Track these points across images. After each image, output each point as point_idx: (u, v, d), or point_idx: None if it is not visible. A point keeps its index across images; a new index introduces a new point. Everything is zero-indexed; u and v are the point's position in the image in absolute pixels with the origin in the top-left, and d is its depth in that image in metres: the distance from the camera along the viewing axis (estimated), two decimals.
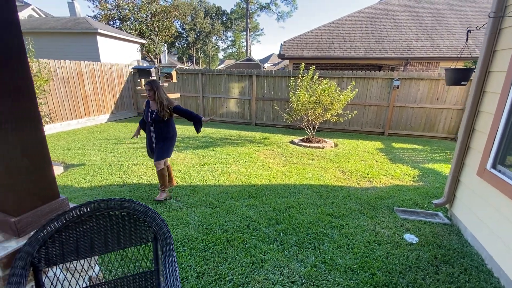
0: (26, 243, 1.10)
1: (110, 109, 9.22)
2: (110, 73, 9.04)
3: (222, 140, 6.64)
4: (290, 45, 10.33)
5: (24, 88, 1.14)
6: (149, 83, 3.15)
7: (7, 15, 1.07)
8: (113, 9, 21.21)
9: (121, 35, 14.61)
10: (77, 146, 5.80)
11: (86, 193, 3.60)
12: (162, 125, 3.23)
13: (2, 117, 1.08)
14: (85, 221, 1.24)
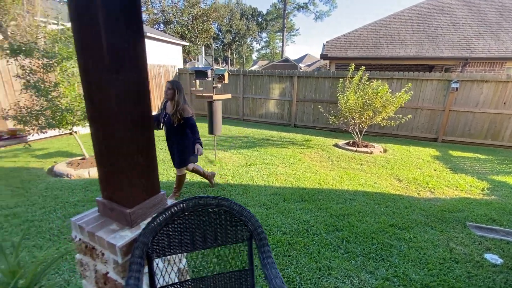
0: (141, 233, 1.18)
1: (156, 108, 9.77)
2: (158, 74, 9.59)
3: (264, 140, 6.66)
4: (333, 45, 10.03)
5: (143, 92, 1.21)
6: (171, 82, 2.93)
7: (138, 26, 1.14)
8: (158, 13, 22.51)
9: (165, 38, 15.44)
10: None
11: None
12: (176, 129, 3.00)
13: (128, 118, 1.16)
14: (187, 216, 1.29)
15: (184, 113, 2.90)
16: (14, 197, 3.42)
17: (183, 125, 2.96)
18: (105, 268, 1.26)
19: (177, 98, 2.89)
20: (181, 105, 2.88)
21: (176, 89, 2.90)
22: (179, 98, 2.89)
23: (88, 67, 1.12)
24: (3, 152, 5.41)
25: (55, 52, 3.83)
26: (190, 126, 2.96)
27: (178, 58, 16.66)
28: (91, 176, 4.22)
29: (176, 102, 2.88)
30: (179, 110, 2.87)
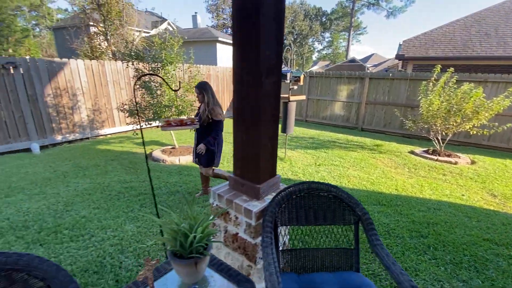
0: (270, 204, 1.47)
1: (226, 107, 10.60)
2: (229, 76, 10.39)
3: (330, 142, 6.64)
4: (412, 44, 9.27)
5: (278, 91, 1.50)
6: (196, 86, 3.01)
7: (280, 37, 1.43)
8: (227, 18, 24.09)
9: None
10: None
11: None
12: (205, 129, 3.04)
13: (268, 112, 1.46)
14: (302, 196, 1.53)
15: (213, 114, 2.94)
16: (128, 174, 4.28)
17: (212, 125, 3.01)
18: (236, 230, 1.60)
19: (206, 100, 2.95)
20: (211, 105, 2.95)
21: (203, 92, 2.96)
22: (208, 99, 2.95)
23: (242, 71, 1.45)
24: (111, 139, 6.71)
25: (162, 58, 4.63)
26: (215, 127, 3.01)
27: None
28: (181, 162, 4.94)
29: (206, 103, 2.95)
30: (209, 110, 2.93)
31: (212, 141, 3.01)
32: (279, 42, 1.41)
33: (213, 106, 2.94)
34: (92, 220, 2.91)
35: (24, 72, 5.57)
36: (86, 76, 6.51)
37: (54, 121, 6.11)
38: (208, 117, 2.93)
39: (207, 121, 2.96)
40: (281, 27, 1.40)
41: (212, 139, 3.01)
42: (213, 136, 3.01)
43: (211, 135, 3.02)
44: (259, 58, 1.33)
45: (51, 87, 5.99)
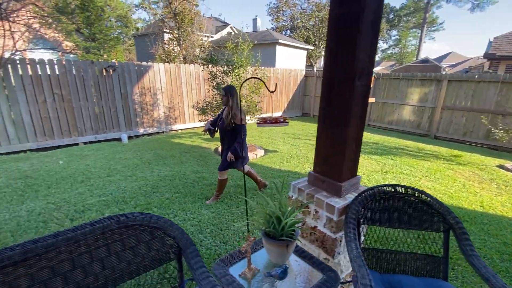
0: (353, 202, 1.52)
1: (282, 108, 10.75)
2: (288, 77, 10.50)
3: (397, 149, 6.17)
4: (506, 41, 7.94)
5: (367, 94, 1.54)
6: (223, 89, 3.07)
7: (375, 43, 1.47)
8: (287, 20, 24.22)
9: (294, 43, 16.53)
10: (266, 136, 7.21)
11: (286, 174, 4.43)
12: (229, 134, 3.09)
13: (358, 113, 1.52)
14: (386, 198, 1.54)
15: (236, 119, 2.98)
16: (199, 166, 4.75)
17: (235, 130, 3.05)
18: (314, 223, 1.69)
19: (230, 104, 3.00)
20: (234, 110, 2.98)
21: (229, 95, 3.01)
22: (232, 103, 3.00)
23: (334, 74, 1.54)
24: (182, 134, 7.48)
25: (234, 61, 5.00)
26: (238, 132, 3.03)
27: (302, 62, 17.51)
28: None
29: (230, 107, 3.00)
30: (232, 115, 2.98)
31: (238, 148, 3.02)
32: (373, 45, 1.46)
33: (236, 111, 2.98)
34: (174, 202, 3.36)
35: (120, 74, 6.65)
36: (165, 77, 7.42)
37: (138, 116, 7.14)
38: (231, 121, 2.99)
39: (230, 125, 3.02)
40: (377, 32, 1.44)
41: (238, 144, 3.02)
42: (238, 141, 3.03)
43: (237, 140, 3.04)
44: (353, 62, 1.39)
45: (138, 87, 7.01)
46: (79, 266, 1.04)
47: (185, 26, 12.34)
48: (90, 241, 1.08)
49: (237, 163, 3.14)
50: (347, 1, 1.38)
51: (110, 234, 1.13)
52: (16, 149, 5.48)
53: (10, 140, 5.43)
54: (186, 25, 12.35)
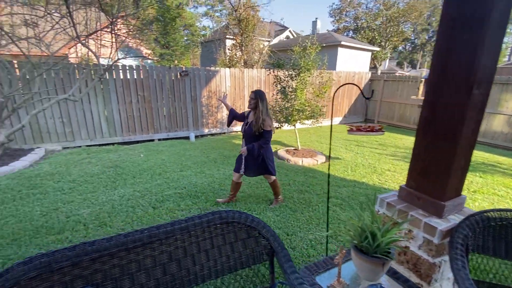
0: (461, 225, 1.34)
1: (343, 113, 10.25)
2: (351, 80, 9.97)
3: (486, 165, 5.26)
4: None
5: (484, 105, 1.34)
6: (254, 92, 2.97)
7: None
8: (350, 20, 23.11)
9: (357, 45, 15.66)
10: (327, 142, 6.96)
11: (352, 184, 4.18)
12: (254, 139, 3.01)
13: (470, 126, 1.34)
14: (504, 226, 1.32)
15: (264, 125, 2.92)
16: None
17: (261, 135, 2.98)
18: (406, 242, 1.54)
19: (260, 108, 2.92)
20: (264, 115, 2.92)
21: (259, 99, 2.93)
22: (262, 108, 2.92)
23: (443, 80, 1.38)
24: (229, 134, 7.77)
25: (300, 65, 4.98)
26: (264, 137, 2.97)
27: (365, 65, 16.47)
28: (303, 164, 5.17)
29: (260, 112, 2.92)
30: (262, 120, 2.90)
31: (256, 147, 2.97)
32: (497, 51, 1.26)
33: (265, 117, 2.94)
34: (240, 201, 3.50)
35: (191, 79, 7.27)
36: (230, 81, 7.83)
37: (204, 117, 7.69)
38: (260, 126, 2.93)
39: (259, 130, 2.95)
40: (502, 36, 1.25)
41: (258, 145, 2.98)
42: (260, 144, 2.98)
43: (258, 142, 3.00)
44: (473, 68, 1.23)
45: (206, 90, 7.55)
46: (190, 255, 1.16)
47: (248, 32, 12.84)
48: (199, 232, 1.19)
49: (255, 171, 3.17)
50: (469, 0, 1.22)
51: (214, 228, 1.22)
52: (106, 142, 6.47)
53: (103, 134, 6.44)
54: (249, 31, 12.83)
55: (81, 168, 4.56)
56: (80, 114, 6.05)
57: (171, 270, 1.11)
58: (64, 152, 5.54)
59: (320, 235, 2.75)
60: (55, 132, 5.87)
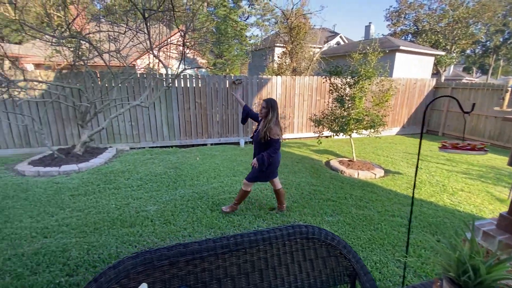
0: None
1: (401, 123, 9.43)
2: (412, 88, 9.16)
3: None
4: None
5: None
6: (266, 101, 3.00)
7: None
8: (409, 23, 21.43)
9: (418, 49, 14.39)
10: (384, 154, 6.46)
11: (419, 203, 3.77)
12: (261, 146, 3.06)
13: None
14: None
15: (271, 133, 2.93)
16: (313, 178, 4.72)
17: (269, 143, 2.99)
18: (510, 281, 1.30)
19: (270, 117, 2.95)
20: (271, 124, 2.93)
21: (271, 108, 2.96)
22: (272, 116, 2.95)
23: None
24: (290, 143, 7.69)
25: (360, 72, 4.74)
26: (272, 146, 2.98)
27: (427, 70, 15.01)
28: (360, 177, 4.86)
29: (269, 120, 2.94)
30: (268, 129, 2.92)
31: (265, 157, 2.98)
32: None
33: (273, 125, 2.95)
34: (294, 211, 3.43)
35: (244, 86, 7.50)
36: (281, 89, 7.87)
37: (254, 124, 7.83)
38: (266, 134, 2.93)
39: (265, 138, 2.96)
40: None
41: (267, 155, 2.98)
42: (269, 153, 2.99)
43: (267, 151, 3.00)
44: None
45: (257, 97, 7.71)
46: (271, 267, 1.15)
47: (299, 40, 12.81)
48: (280, 245, 1.17)
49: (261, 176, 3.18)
50: None
51: (294, 242, 1.20)
52: (166, 144, 7.03)
53: (164, 137, 7.02)
54: (300, 39, 12.80)
55: (146, 168, 5.02)
56: (146, 118, 6.71)
57: (254, 280, 1.11)
58: (131, 152, 6.17)
59: (386, 258, 2.52)
60: (125, 134, 6.61)
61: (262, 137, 2.98)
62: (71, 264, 2.35)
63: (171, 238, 2.78)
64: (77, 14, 4.50)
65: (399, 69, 14.04)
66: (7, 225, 2.98)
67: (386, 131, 9.00)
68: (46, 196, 3.71)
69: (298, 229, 1.21)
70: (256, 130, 3.21)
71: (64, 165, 4.82)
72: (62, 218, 3.15)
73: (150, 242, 2.69)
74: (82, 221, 3.09)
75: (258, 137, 3.04)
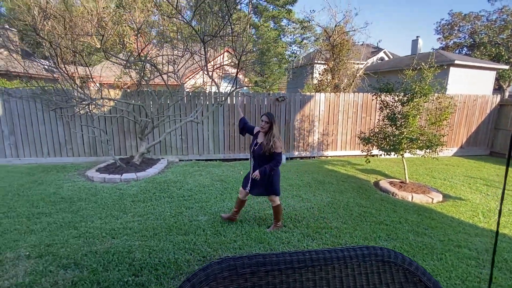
0: None
1: (459, 143, 8.57)
2: (472, 105, 8.35)
3: None
4: None
5: None
6: (267, 116, 3.06)
7: None
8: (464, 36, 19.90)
9: (476, 63, 13.22)
10: (441, 177, 5.91)
11: (488, 233, 3.35)
12: (263, 159, 3.10)
13: None
14: None
15: (276, 147, 3.01)
16: (361, 199, 4.49)
17: (272, 157, 3.06)
18: None
19: (273, 131, 3.02)
20: (275, 138, 3.01)
21: (272, 121, 3.03)
22: (275, 130, 3.04)
23: None
24: (333, 161, 7.47)
25: (414, 89, 4.52)
26: (275, 159, 3.06)
27: (487, 86, 13.60)
28: (414, 200, 4.50)
29: (272, 135, 3.01)
30: (272, 143, 2.98)
31: (268, 170, 3.03)
32: None
33: (276, 139, 3.03)
34: (344, 234, 3.30)
35: (286, 103, 7.62)
36: (324, 106, 7.81)
37: (296, 140, 7.83)
38: (271, 147, 2.99)
39: (270, 151, 3.02)
40: None
41: (269, 168, 3.04)
42: (271, 166, 3.05)
43: (270, 164, 3.05)
44: None
45: (300, 114, 7.74)
46: (347, 287, 1.14)
47: (341, 57, 12.70)
48: (355, 265, 1.16)
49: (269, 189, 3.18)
50: None
51: (369, 264, 1.17)
52: (211, 158, 7.37)
53: (209, 150, 7.38)
54: (342, 56, 12.68)
55: (195, 179, 5.31)
56: (194, 133, 7.17)
57: None
58: (181, 164, 6.60)
59: None
60: (175, 147, 7.12)
61: (267, 150, 3.02)
62: (136, 265, 2.56)
63: (223, 249, 2.87)
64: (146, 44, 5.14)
65: (454, 85, 12.96)
66: (82, 224, 3.38)
67: (442, 152, 8.29)
68: (112, 201, 4.14)
69: (373, 251, 1.19)
70: (254, 143, 3.21)
71: (125, 174, 5.34)
72: (126, 221, 3.47)
73: (204, 251, 2.82)
74: (142, 225, 3.37)
75: (262, 151, 3.06)
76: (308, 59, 19.16)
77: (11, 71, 6.10)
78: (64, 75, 4.81)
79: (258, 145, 3.14)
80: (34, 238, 3.01)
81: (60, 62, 4.70)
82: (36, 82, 5.37)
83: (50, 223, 3.39)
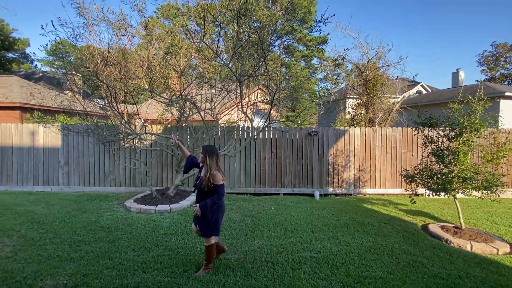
0: None
1: None
2: None
3: None
4: None
5: None
6: (202, 147, 3.01)
7: None
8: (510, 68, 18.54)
9: None
10: (505, 222, 5.09)
11: None
12: (206, 194, 2.90)
13: None
14: None
15: (215, 180, 2.83)
16: (409, 245, 3.98)
17: (213, 190, 2.87)
18: None
19: (208, 163, 2.86)
20: (213, 171, 2.84)
21: (206, 154, 2.88)
22: (211, 163, 2.87)
23: None
24: (372, 199, 6.91)
25: (462, 124, 4.16)
26: (216, 193, 2.85)
27: None
28: (473, 250, 3.86)
29: (209, 167, 2.86)
30: (210, 175, 2.83)
31: (209, 204, 2.81)
32: None
33: (215, 171, 2.85)
34: (391, 285, 2.88)
35: (320, 137, 7.49)
36: (359, 140, 7.52)
37: (330, 176, 7.50)
38: (209, 181, 2.83)
39: (209, 185, 2.84)
40: None
41: (211, 201, 2.82)
42: (213, 199, 2.83)
43: (212, 197, 2.84)
44: None
45: (333, 149, 7.51)
46: None
47: (375, 91, 12.48)
48: None
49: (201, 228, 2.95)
50: None
51: None
52: (242, 191, 7.31)
53: (240, 184, 7.37)
54: (376, 90, 12.46)
55: (225, 213, 5.23)
56: (227, 166, 7.28)
57: None
58: None
59: None
60: None
61: (206, 185, 2.84)
62: None
63: None
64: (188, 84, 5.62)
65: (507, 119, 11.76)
66: (116, 255, 3.44)
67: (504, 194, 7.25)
68: (145, 232, 4.21)
69: None
70: (198, 177, 3.09)
71: (160, 205, 5.49)
72: (157, 255, 3.45)
73: None
74: (173, 260, 3.31)
75: (201, 185, 2.88)
76: (340, 93, 19.16)
77: (73, 110, 7.02)
78: (115, 113, 5.38)
79: (200, 179, 3.01)
80: (73, 267, 3.11)
81: (113, 101, 5.30)
82: (92, 118, 6.06)
83: (88, 252, 3.51)
